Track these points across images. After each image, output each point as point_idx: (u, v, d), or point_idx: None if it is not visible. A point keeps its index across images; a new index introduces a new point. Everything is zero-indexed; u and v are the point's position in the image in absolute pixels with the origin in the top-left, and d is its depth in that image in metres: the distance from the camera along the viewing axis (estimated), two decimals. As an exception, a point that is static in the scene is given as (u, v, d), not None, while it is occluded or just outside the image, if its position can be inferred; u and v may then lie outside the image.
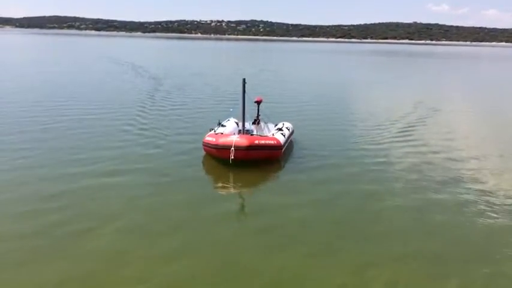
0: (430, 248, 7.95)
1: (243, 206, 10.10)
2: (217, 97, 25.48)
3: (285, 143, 13.01)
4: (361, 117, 20.41)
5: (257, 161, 12.01)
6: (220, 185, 11.18)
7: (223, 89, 28.89)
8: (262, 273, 7.02)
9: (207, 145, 12.33)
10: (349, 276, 7.00)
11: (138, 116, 18.64)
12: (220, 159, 12.04)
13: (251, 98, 13.41)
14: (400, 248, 7.93)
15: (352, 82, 39.84)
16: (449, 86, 38.88)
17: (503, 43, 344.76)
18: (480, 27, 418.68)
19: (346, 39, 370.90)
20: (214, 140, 12.13)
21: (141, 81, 32.22)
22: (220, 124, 13.88)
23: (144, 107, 20.83)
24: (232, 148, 11.52)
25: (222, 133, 12.63)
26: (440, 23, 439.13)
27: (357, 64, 70.92)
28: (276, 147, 12.26)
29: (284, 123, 14.70)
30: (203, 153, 12.75)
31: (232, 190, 10.88)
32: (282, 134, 13.22)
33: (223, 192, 10.69)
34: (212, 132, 12.92)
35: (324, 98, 27.03)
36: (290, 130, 14.23)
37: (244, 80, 12.73)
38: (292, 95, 28.01)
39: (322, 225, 8.84)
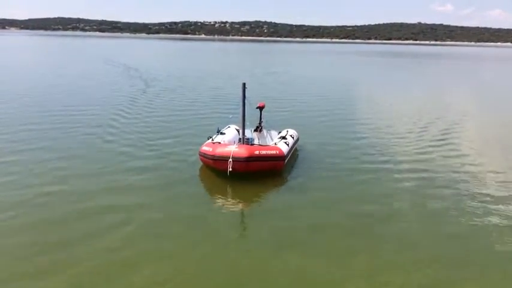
0: (444, 253, 7.76)
1: (241, 222, 9.19)
2: (219, 101, 24.22)
3: (289, 152, 11.98)
4: (371, 123, 19.25)
5: (257, 173, 10.99)
6: (216, 199, 10.19)
7: (225, 93, 27.63)
8: (271, 281, 6.77)
9: (203, 155, 11.34)
10: (363, 282, 6.81)
11: (131, 121, 17.73)
12: (218, 170, 11.05)
13: (251, 103, 12.33)
14: (413, 253, 7.74)
15: (361, 84, 38.22)
16: (461, 89, 37.77)
17: (509, 43, 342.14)
18: (485, 28, 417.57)
19: (350, 40, 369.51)
20: (211, 149, 11.11)
21: (139, 84, 31.25)
22: (219, 132, 12.89)
23: (140, 112, 19.92)
24: (230, 159, 10.49)
25: (219, 142, 11.61)
26: (445, 23, 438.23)
27: (365, 65, 69.57)
28: (278, 158, 11.21)
29: (288, 130, 13.67)
30: (200, 163, 11.79)
31: (229, 205, 9.83)
32: (285, 142, 12.18)
33: (219, 207, 9.64)
34: (210, 140, 11.92)
35: (332, 102, 25.56)
36: (294, 138, 13.21)
37: (244, 84, 11.68)
38: (298, 99, 26.63)
39: (331, 234, 8.36)
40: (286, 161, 11.67)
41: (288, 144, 12.15)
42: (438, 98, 29.26)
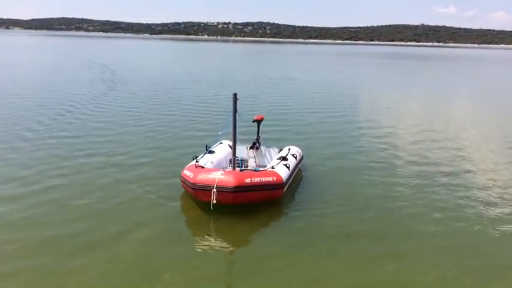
0: (471, 267, 7.28)
1: (226, 269, 7.18)
2: (216, 111, 20.44)
3: (289, 177, 9.84)
4: (388, 135, 16.93)
5: (249, 204, 8.88)
6: (196, 238, 8.13)
7: (223, 101, 23.32)
8: None
9: (184, 181, 9.22)
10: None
11: (106, 133, 15.67)
12: (200, 202, 8.96)
13: (243, 116, 10.05)
14: (438, 270, 7.14)
15: (372, 91, 34.05)
16: (470, 92, 35.66)
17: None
18: (488, 30, 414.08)
19: (353, 41, 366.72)
20: (191, 175, 8.97)
21: (125, 90, 29.12)
22: (207, 150, 10.76)
23: (118, 123, 17.81)
24: (214, 189, 8.39)
25: (202, 166, 9.43)
26: (448, 25, 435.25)
27: (374, 68, 66.49)
28: (276, 186, 9.08)
29: (290, 147, 11.51)
30: (182, 189, 9.68)
31: (211, 247, 7.74)
32: (285, 165, 10.01)
33: (200, 250, 7.59)
34: (193, 162, 9.76)
35: (343, 113, 21.87)
36: (298, 158, 11.07)
37: (235, 95, 9.51)
38: (303, 108, 22.96)
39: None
40: (285, 188, 9.53)
41: (288, 167, 10.01)
42: (450, 104, 27.23)
